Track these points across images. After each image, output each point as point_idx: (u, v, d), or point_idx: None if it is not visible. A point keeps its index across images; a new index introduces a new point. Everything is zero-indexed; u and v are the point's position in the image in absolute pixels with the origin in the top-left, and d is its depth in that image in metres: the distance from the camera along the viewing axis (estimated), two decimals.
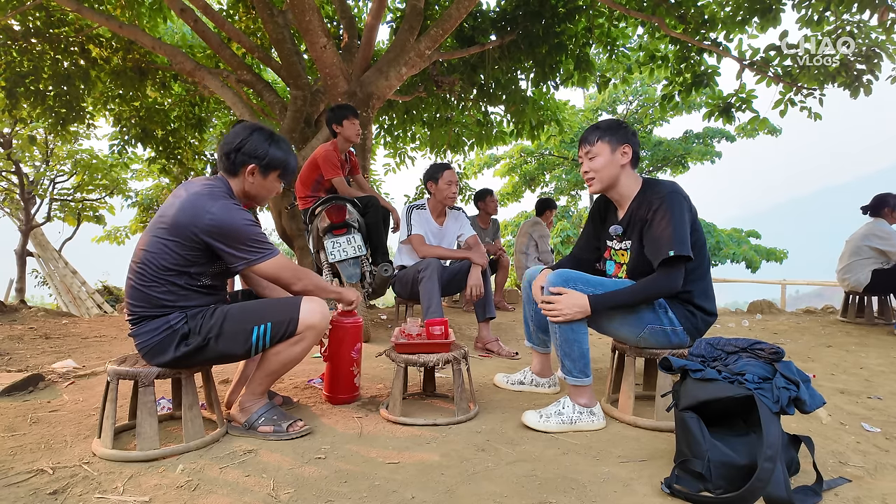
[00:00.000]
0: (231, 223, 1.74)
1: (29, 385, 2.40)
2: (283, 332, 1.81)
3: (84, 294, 10.44)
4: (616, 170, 2.11)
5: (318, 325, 1.85)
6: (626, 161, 2.11)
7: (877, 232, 4.31)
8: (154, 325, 1.74)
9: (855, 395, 2.49)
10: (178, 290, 1.77)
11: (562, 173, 17.59)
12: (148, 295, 1.75)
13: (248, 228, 1.77)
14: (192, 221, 1.72)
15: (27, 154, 11.26)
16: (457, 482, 1.54)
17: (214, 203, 1.75)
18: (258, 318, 1.80)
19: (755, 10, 5.31)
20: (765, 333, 4.25)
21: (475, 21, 6.32)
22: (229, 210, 1.76)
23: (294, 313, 1.81)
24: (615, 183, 2.13)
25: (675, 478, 1.49)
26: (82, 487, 1.49)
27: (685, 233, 1.93)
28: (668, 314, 2.03)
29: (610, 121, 2.18)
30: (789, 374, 1.53)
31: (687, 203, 2.01)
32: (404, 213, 3.59)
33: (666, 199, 1.98)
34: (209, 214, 1.72)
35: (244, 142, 1.85)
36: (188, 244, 1.73)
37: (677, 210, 1.96)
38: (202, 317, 1.78)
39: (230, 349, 1.79)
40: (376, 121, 7.92)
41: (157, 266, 1.74)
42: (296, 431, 1.85)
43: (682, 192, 2.03)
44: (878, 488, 1.53)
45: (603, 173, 2.11)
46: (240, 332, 1.78)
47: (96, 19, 5.46)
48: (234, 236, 1.75)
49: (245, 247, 1.76)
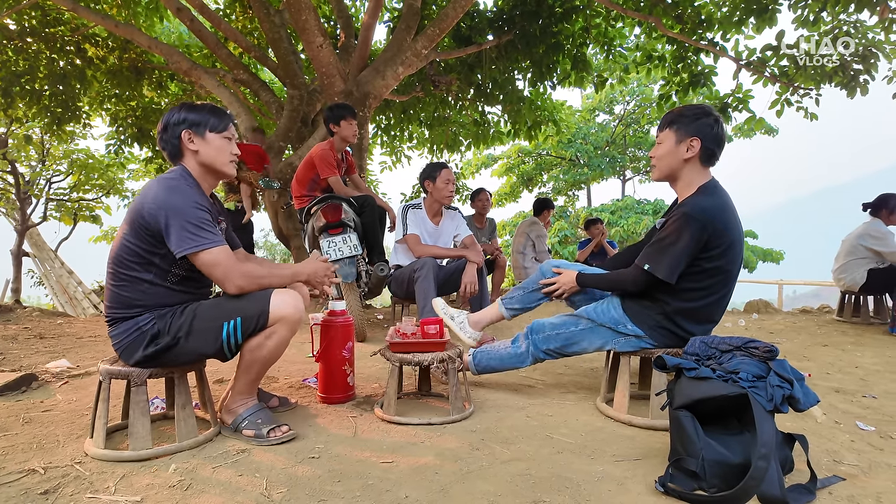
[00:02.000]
0: (172, 201, 1.69)
1: (22, 385, 2.39)
2: (254, 325, 1.76)
3: (80, 294, 10.41)
4: (677, 162, 2.02)
5: (289, 316, 1.78)
6: (691, 155, 1.99)
7: (872, 232, 4.32)
8: (125, 327, 1.72)
9: (850, 394, 2.49)
10: (148, 288, 1.74)
11: (559, 173, 17.62)
12: (120, 295, 1.73)
13: (190, 210, 1.70)
14: (140, 205, 1.71)
15: (23, 154, 11.23)
16: (451, 481, 1.54)
17: (160, 184, 1.74)
18: (227, 313, 1.75)
19: (752, 11, 5.32)
20: (761, 333, 4.26)
21: (472, 21, 6.33)
22: (174, 190, 1.73)
23: (264, 306, 1.76)
24: (676, 175, 2.06)
25: (669, 476, 1.49)
26: (74, 487, 1.48)
27: (671, 256, 1.93)
28: (627, 326, 2.11)
29: (688, 107, 2.04)
30: (783, 373, 1.52)
31: (699, 229, 1.89)
32: (400, 212, 3.58)
33: (679, 218, 1.94)
34: (152, 193, 1.71)
35: (167, 119, 1.85)
36: (140, 231, 1.70)
37: (677, 232, 1.93)
38: (171, 316, 1.74)
39: (201, 347, 1.75)
40: (373, 120, 7.92)
41: (123, 265, 1.72)
42: (276, 437, 1.79)
43: (696, 215, 1.90)
44: (872, 487, 1.53)
45: (662, 163, 2.06)
46: (210, 329, 1.74)
47: (92, 18, 5.45)
48: (175, 215, 1.67)
49: (184, 231, 1.67)
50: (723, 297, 2.02)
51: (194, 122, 1.83)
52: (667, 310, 2.03)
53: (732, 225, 1.95)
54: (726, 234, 1.92)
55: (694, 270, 1.97)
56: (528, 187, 17.91)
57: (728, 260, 1.95)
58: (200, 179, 1.86)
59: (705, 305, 2.01)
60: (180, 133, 1.82)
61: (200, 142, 1.84)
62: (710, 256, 1.93)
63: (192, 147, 1.83)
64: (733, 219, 1.97)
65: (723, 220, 1.92)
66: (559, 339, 2.24)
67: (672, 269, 1.94)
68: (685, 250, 1.92)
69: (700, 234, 1.90)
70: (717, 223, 1.91)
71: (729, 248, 1.94)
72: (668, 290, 2.01)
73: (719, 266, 1.95)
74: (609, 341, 2.16)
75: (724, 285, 2.00)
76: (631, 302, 2.14)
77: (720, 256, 1.94)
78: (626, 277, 2.12)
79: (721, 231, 1.91)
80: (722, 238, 1.92)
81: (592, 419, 2.09)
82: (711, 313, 2.05)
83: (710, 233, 1.90)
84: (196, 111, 1.85)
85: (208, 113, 1.86)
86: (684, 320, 2.02)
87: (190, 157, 1.85)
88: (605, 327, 2.16)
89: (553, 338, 2.25)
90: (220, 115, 1.89)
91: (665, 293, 2.03)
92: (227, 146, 1.89)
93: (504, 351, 2.37)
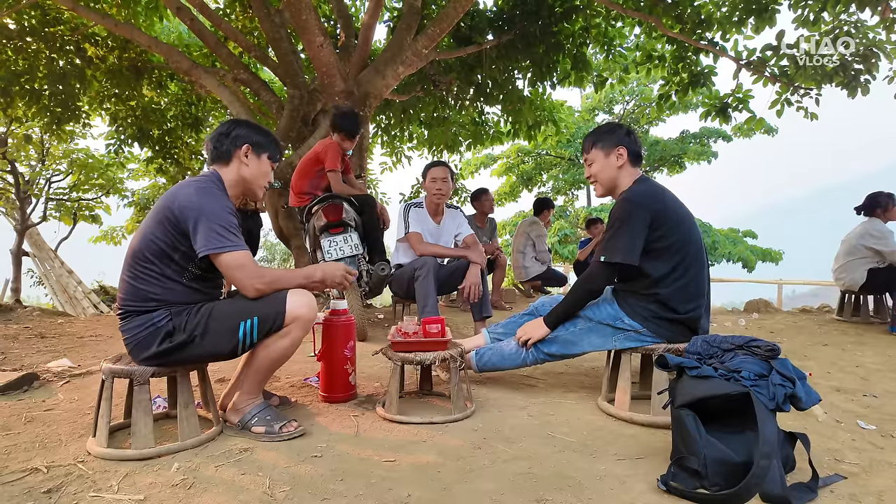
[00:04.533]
0: (205, 203, 1.75)
1: (24, 384, 2.39)
2: (271, 326, 1.79)
3: (80, 294, 10.39)
4: (613, 171, 2.22)
5: (304, 317, 1.82)
6: (621, 162, 2.19)
7: (872, 232, 4.33)
8: (139, 322, 1.73)
9: (851, 393, 2.50)
10: (166, 283, 1.76)
11: (559, 173, 17.62)
12: (136, 288, 1.75)
13: (221, 212, 1.76)
14: (170, 201, 1.76)
15: (23, 153, 11.21)
16: (453, 480, 1.54)
17: (193, 184, 1.81)
18: (245, 313, 1.78)
19: (751, 11, 5.32)
20: (761, 332, 4.26)
21: (472, 20, 6.32)
22: (207, 192, 1.79)
23: (280, 306, 1.79)
24: (615, 184, 2.25)
25: (671, 475, 1.49)
26: (77, 486, 1.48)
27: (621, 239, 2.05)
28: (624, 321, 2.14)
29: (602, 126, 2.30)
30: (785, 371, 1.53)
31: (639, 206, 2.06)
32: (402, 211, 3.57)
33: (619, 204, 2.12)
34: (185, 192, 1.77)
35: (233, 128, 1.94)
36: (167, 226, 1.74)
37: (620, 217, 2.07)
38: (187, 314, 1.76)
39: (217, 346, 1.77)
40: (373, 120, 7.91)
41: (142, 259, 1.75)
42: (287, 433, 1.82)
43: (634, 198, 2.09)
44: (873, 485, 1.54)
45: (601, 177, 2.25)
46: (226, 329, 1.76)
47: (92, 18, 5.44)
48: (205, 216, 1.72)
49: (212, 232, 1.72)
50: (699, 270, 2.12)
51: (259, 143, 1.95)
52: (657, 298, 2.09)
53: (672, 205, 2.11)
54: (667, 213, 2.07)
55: (655, 254, 2.07)
56: (527, 187, 17.90)
57: (680, 238, 2.07)
58: (230, 188, 1.92)
59: (686, 283, 2.09)
60: (242, 144, 1.91)
61: (255, 160, 1.94)
62: (661, 236, 2.06)
63: (245, 161, 1.92)
64: (672, 200, 2.13)
65: (660, 199, 2.09)
66: (559, 341, 2.26)
67: (627, 251, 2.04)
68: (633, 230, 2.04)
69: (643, 212, 2.05)
70: (655, 203, 2.07)
71: (676, 225, 2.07)
72: (649, 280, 2.09)
73: (674, 243, 2.06)
74: (609, 339, 2.18)
75: (695, 260, 2.10)
76: (624, 298, 2.19)
77: (671, 233, 2.06)
78: (588, 277, 2.19)
79: (661, 210, 2.06)
80: (664, 216, 2.06)
81: (594, 418, 2.10)
82: (698, 288, 2.12)
83: (652, 211, 2.05)
84: (263, 135, 1.98)
85: (273, 142, 2.01)
86: (675, 302, 2.08)
87: (234, 168, 1.92)
88: (603, 325, 2.18)
89: (553, 341, 2.27)
90: (280, 149, 2.04)
91: (648, 285, 2.10)
92: (269, 174, 2.01)
93: (507, 350, 2.38)
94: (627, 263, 2.05)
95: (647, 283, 2.11)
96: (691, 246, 2.10)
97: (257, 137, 1.94)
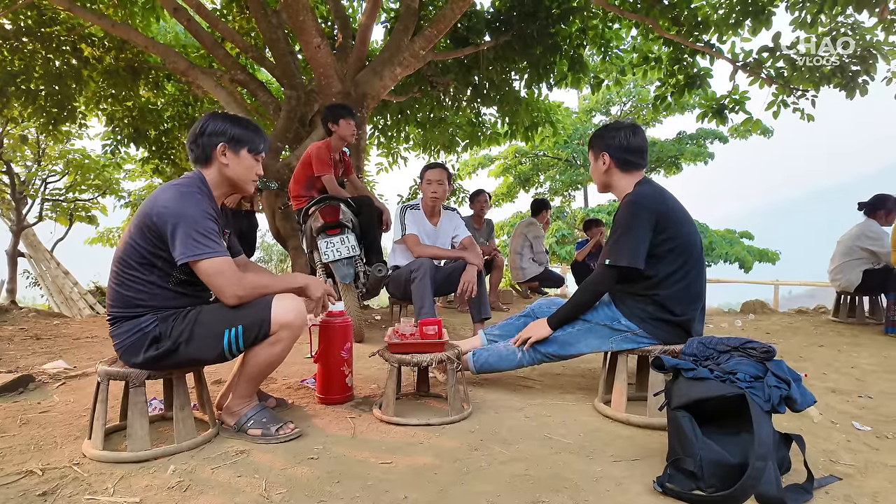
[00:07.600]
0: (182, 208, 1.69)
1: (19, 386, 2.38)
2: (256, 334, 1.75)
3: (76, 295, 10.35)
4: (602, 175, 2.27)
5: (292, 323, 1.77)
6: (607, 167, 2.23)
7: (868, 233, 4.34)
8: (127, 327, 1.72)
9: (846, 395, 2.51)
10: (152, 289, 1.74)
11: (556, 174, 17.63)
12: (122, 294, 1.73)
13: (200, 218, 1.69)
14: (150, 207, 1.71)
15: (18, 154, 11.17)
16: (450, 482, 1.54)
17: (173, 188, 1.75)
18: (229, 320, 1.74)
19: (748, 13, 5.34)
20: (757, 333, 4.27)
21: (470, 22, 6.33)
22: (186, 197, 1.73)
23: (265, 314, 1.75)
24: (608, 186, 2.29)
25: (667, 476, 1.50)
26: (72, 488, 1.47)
27: (626, 242, 2.05)
28: (621, 322, 2.15)
29: (600, 127, 2.32)
30: (780, 373, 1.53)
31: (644, 208, 2.07)
32: (398, 212, 3.56)
33: (624, 206, 2.12)
34: (164, 197, 1.72)
35: (206, 125, 1.83)
36: (146, 233, 1.70)
37: (625, 220, 2.08)
38: (174, 319, 1.73)
39: (201, 354, 1.74)
40: (370, 121, 7.91)
41: (126, 265, 1.73)
42: (285, 435, 1.81)
43: (639, 201, 2.09)
44: (868, 486, 1.54)
45: (595, 178, 2.33)
46: (210, 337, 1.73)
47: (89, 18, 5.42)
48: (182, 222, 1.67)
49: (189, 239, 1.66)
50: (698, 273, 2.13)
51: (235, 137, 1.84)
52: (655, 299, 2.10)
53: (674, 207, 2.13)
54: (671, 215, 2.08)
55: (659, 255, 2.07)
56: (524, 188, 17.92)
57: (684, 241, 2.08)
58: (215, 188, 1.86)
59: (686, 285, 2.10)
60: (217, 144, 1.82)
61: (233, 157, 1.84)
62: (665, 239, 2.06)
63: (224, 161, 1.83)
64: (674, 202, 2.14)
65: (663, 201, 2.10)
66: (557, 341, 2.26)
67: (633, 254, 2.04)
68: (639, 233, 2.04)
69: (648, 215, 2.05)
70: (659, 205, 2.08)
71: (680, 225, 2.09)
72: (650, 282, 2.09)
73: (678, 245, 2.07)
74: (606, 340, 2.18)
75: (696, 263, 2.11)
76: (621, 299, 2.19)
77: (676, 235, 2.07)
78: (595, 280, 2.19)
79: (665, 212, 2.07)
80: (668, 217, 2.07)
81: (590, 419, 2.10)
82: (697, 290, 2.13)
83: (657, 213, 2.06)
84: (240, 126, 1.86)
85: (252, 132, 1.88)
86: (673, 303, 2.09)
87: (215, 168, 1.85)
88: (601, 325, 2.19)
89: (551, 341, 2.27)
90: (261, 138, 1.90)
91: (648, 286, 2.11)
92: (256, 166, 1.91)
93: (504, 350, 2.38)
94: (633, 267, 2.05)
95: (647, 284, 2.11)
96: (694, 248, 2.12)
97: (233, 131, 1.83)
